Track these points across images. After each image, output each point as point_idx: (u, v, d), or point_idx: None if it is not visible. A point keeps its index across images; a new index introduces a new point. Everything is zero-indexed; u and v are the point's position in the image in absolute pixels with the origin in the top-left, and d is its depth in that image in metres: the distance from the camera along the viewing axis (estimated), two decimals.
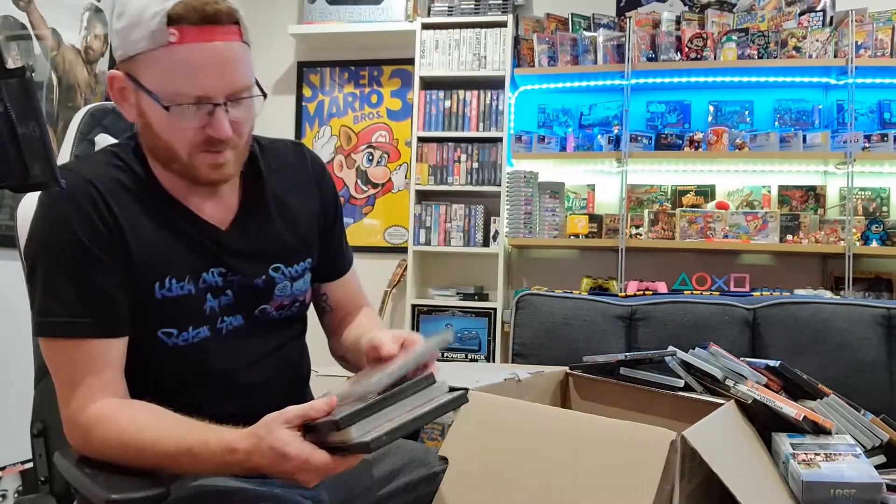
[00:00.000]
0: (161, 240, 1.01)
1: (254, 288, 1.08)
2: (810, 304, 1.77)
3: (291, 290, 1.13)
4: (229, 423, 0.90)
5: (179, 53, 0.93)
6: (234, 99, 0.98)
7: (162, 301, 1.00)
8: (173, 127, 0.97)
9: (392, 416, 0.83)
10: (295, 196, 1.15)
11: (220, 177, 1.02)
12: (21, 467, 2.54)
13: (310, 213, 1.17)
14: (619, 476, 0.95)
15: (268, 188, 1.12)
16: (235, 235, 1.07)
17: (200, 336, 1.03)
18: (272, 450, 0.81)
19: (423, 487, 1.09)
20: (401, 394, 0.85)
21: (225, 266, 1.05)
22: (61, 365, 0.97)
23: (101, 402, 0.94)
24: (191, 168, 1.00)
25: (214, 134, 0.97)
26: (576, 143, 3.29)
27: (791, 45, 3.09)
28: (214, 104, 0.96)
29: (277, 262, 1.11)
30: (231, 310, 1.06)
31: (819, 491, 1.00)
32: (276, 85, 3.83)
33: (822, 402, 1.28)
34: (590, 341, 1.77)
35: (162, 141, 0.99)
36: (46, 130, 0.72)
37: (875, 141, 3.01)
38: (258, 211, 1.10)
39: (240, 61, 0.98)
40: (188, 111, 0.96)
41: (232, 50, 0.96)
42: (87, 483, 0.90)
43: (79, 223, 0.95)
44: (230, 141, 0.99)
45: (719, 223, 3.10)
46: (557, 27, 3.45)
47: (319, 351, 1.28)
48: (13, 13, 2.64)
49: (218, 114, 0.96)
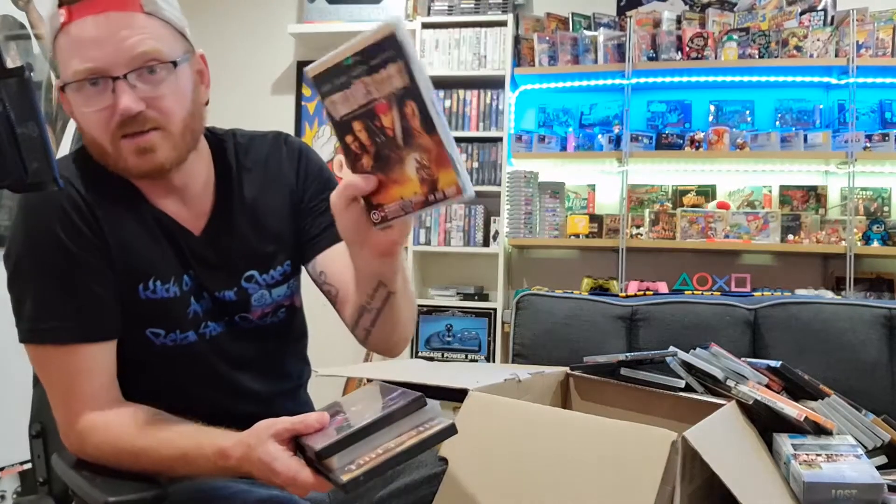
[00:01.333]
0: (141, 240, 0.99)
1: (227, 301, 1.05)
2: (811, 305, 1.77)
3: (272, 297, 1.09)
4: (225, 423, 0.89)
5: (71, 31, 0.89)
6: (136, 69, 0.90)
7: (147, 302, 0.99)
8: (85, 114, 0.92)
9: (377, 443, 0.78)
10: (270, 194, 1.10)
11: (151, 165, 0.94)
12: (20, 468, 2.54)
13: (283, 203, 1.10)
14: (620, 477, 0.94)
15: (243, 190, 1.07)
16: (206, 243, 1.04)
17: (188, 340, 1.02)
18: (261, 462, 0.81)
19: (423, 488, 1.09)
20: (389, 419, 0.79)
21: (198, 274, 1.03)
22: (50, 372, 0.96)
23: (94, 410, 0.93)
24: (118, 159, 0.94)
25: (120, 110, 0.89)
26: (576, 142, 3.28)
27: (792, 45, 3.09)
28: (113, 78, 0.89)
29: (251, 270, 1.06)
30: (211, 315, 1.04)
31: (820, 491, 1.00)
32: (276, 84, 3.83)
33: (823, 402, 1.28)
34: (590, 342, 1.77)
35: (88, 137, 0.95)
36: (45, 130, 0.72)
37: (876, 141, 3.01)
38: (231, 216, 1.06)
39: (139, 29, 0.90)
40: (88, 90, 0.90)
41: (128, 19, 0.90)
42: (85, 486, 0.90)
43: (61, 225, 0.93)
44: (147, 119, 0.92)
45: (720, 223, 3.09)
46: (558, 26, 3.45)
47: (319, 350, 1.27)
48: (12, 13, 2.64)
49: (119, 88, 0.89)
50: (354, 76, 0.75)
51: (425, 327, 3.40)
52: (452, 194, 0.74)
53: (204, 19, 3.80)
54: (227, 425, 0.90)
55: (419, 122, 0.73)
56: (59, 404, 0.96)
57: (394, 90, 0.73)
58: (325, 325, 1.43)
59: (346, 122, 0.77)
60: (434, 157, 0.73)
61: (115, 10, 0.89)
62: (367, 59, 0.73)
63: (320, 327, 1.28)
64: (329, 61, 0.76)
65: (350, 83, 0.75)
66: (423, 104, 0.72)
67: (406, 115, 0.73)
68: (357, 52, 0.73)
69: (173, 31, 0.96)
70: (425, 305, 3.40)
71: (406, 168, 0.75)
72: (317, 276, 1.12)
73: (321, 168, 1.15)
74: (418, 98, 0.72)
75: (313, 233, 1.11)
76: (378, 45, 0.72)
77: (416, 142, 0.74)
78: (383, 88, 0.73)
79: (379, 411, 0.81)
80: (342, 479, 0.74)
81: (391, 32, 0.70)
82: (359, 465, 0.76)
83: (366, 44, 0.72)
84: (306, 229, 1.12)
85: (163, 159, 0.95)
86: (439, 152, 0.72)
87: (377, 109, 0.75)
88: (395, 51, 0.71)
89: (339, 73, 0.76)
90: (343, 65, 0.75)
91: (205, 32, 3.78)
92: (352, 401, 0.90)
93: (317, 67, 0.77)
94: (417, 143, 0.74)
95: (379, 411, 0.81)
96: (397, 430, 0.79)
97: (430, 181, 0.74)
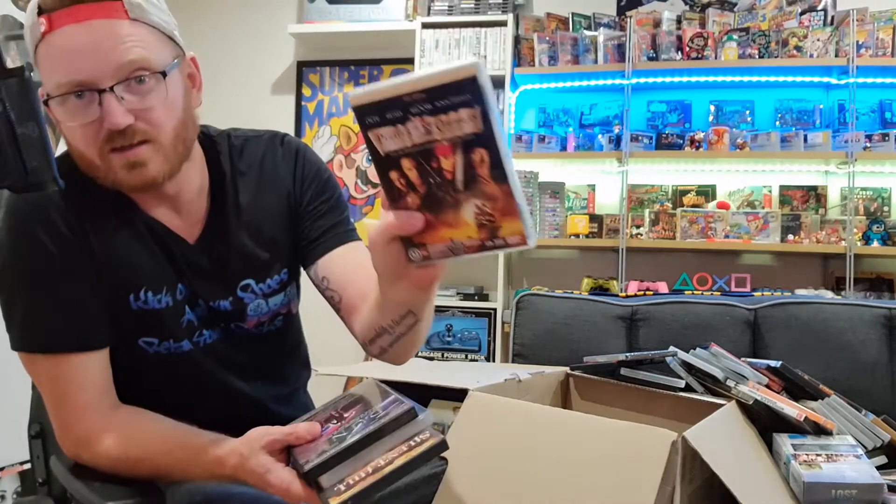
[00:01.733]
0: (132, 250, 0.96)
1: (221, 310, 1.03)
2: (811, 305, 1.77)
3: (268, 306, 1.07)
4: (221, 427, 0.89)
5: (53, 41, 0.85)
6: (123, 80, 0.86)
7: (138, 312, 0.96)
8: (72, 129, 0.88)
9: (367, 459, 0.77)
10: (266, 198, 1.06)
11: (142, 179, 0.90)
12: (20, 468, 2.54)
13: (279, 208, 1.07)
14: (620, 477, 0.94)
15: (238, 196, 1.04)
16: (201, 252, 1.01)
17: (183, 349, 1.01)
18: (254, 473, 0.81)
19: (423, 488, 1.09)
20: (378, 433, 0.78)
21: (192, 284, 1.01)
22: (44, 380, 0.95)
23: (88, 419, 0.92)
24: (108, 173, 0.90)
25: (107, 125, 0.86)
26: (576, 142, 3.28)
27: (792, 45, 3.09)
28: (100, 91, 0.85)
29: (247, 279, 1.04)
30: (206, 323, 1.03)
31: (820, 492, 1.00)
32: (276, 84, 3.83)
33: (823, 402, 1.28)
34: (590, 341, 1.77)
35: (76, 151, 0.91)
36: (45, 130, 0.72)
37: (876, 141, 3.01)
38: (226, 223, 1.03)
39: (125, 38, 0.86)
40: (74, 103, 0.86)
41: (113, 27, 0.85)
42: (83, 489, 0.90)
43: (46, 233, 0.91)
44: (136, 132, 0.88)
45: (720, 223, 3.09)
46: (558, 27, 3.44)
47: (318, 348, 1.27)
48: (13, 13, 2.64)
49: (107, 101, 0.85)
50: (414, 113, 0.68)
51: None
52: (516, 242, 0.70)
53: (204, 19, 3.79)
54: (223, 430, 0.89)
55: (488, 169, 0.68)
56: (53, 413, 0.94)
57: (462, 134, 0.67)
58: (324, 324, 1.43)
59: (394, 158, 0.71)
60: (500, 206, 0.69)
61: (98, 17, 0.85)
62: (435, 97, 0.66)
63: (320, 326, 1.27)
64: (382, 92, 0.68)
65: (407, 119, 0.68)
66: (496, 153, 0.67)
67: (472, 161, 0.68)
68: (424, 90, 0.66)
69: (161, 35, 0.91)
70: None
71: (462, 212, 0.71)
72: (319, 281, 1.09)
73: (319, 169, 1.12)
74: (492, 147, 0.67)
75: (313, 236, 1.09)
76: (452, 86, 0.65)
77: (480, 188, 0.69)
78: (449, 131, 0.67)
79: (370, 423, 0.80)
80: (330, 501, 0.75)
81: (472, 76, 0.64)
82: (348, 486, 0.76)
83: (437, 82, 0.65)
84: (305, 233, 1.09)
85: (154, 173, 0.91)
86: (508, 202, 0.68)
87: (437, 151, 0.69)
88: (471, 95, 0.65)
89: (394, 106, 0.68)
90: (401, 99, 0.68)
91: (205, 32, 3.78)
92: (346, 402, 0.90)
93: (363, 97, 0.69)
94: (482, 189, 0.69)
95: (370, 423, 0.80)
96: (388, 445, 0.78)
97: (490, 227, 0.70)
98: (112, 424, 0.93)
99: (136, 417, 0.95)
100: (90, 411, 0.93)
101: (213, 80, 4.06)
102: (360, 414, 0.83)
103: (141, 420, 0.94)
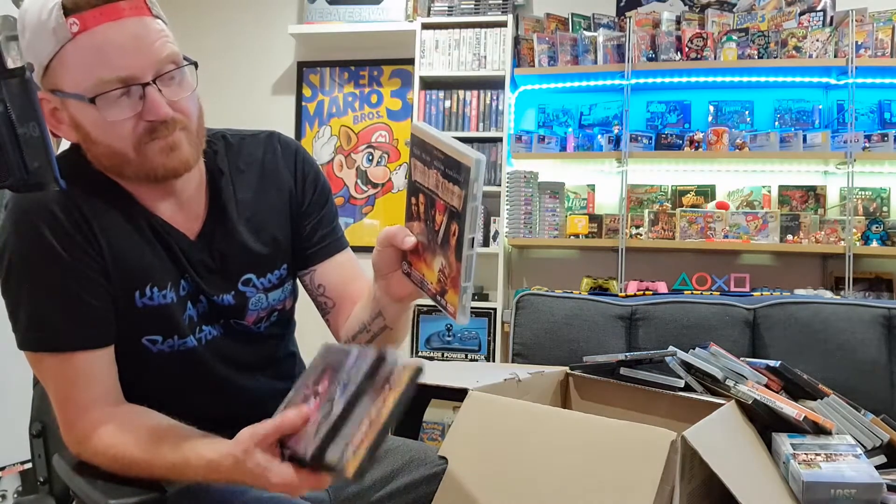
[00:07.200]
0: (136, 246, 0.97)
1: (223, 305, 1.04)
2: (810, 305, 1.77)
3: (268, 301, 1.08)
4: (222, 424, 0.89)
5: (88, 41, 0.86)
6: (162, 75, 0.90)
7: (143, 310, 0.97)
8: (109, 124, 0.90)
9: (360, 418, 0.77)
10: (267, 194, 1.08)
11: (178, 162, 0.94)
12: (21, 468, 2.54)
13: (281, 206, 1.09)
14: (620, 476, 0.95)
15: (238, 192, 1.06)
16: (202, 247, 1.02)
17: (188, 345, 1.01)
18: (253, 474, 0.80)
19: (423, 487, 1.09)
20: (360, 392, 0.78)
21: (194, 279, 1.01)
22: (49, 378, 0.95)
23: (92, 417, 0.93)
24: (144, 164, 0.93)
25: (153, 117, 0.89)
26: (576, 143, 3.29)
27: (791, 45, 3.09)
28: (143, 84, 0.89)
29: (248, 274, 1.05)
30: (206, 319, 1.04)
31: (819, 491, 1.00)
32: (276, 85, 3.83)
33: (822, 402, 1.28)
34: (590, 341, 1.77)
35: (104, 147, 0.92)
36: (46, 130, 0.72)
37: (875, 141, 3.01)
38: (225, 219, 1.04)
39: (156, 34, 0.90)
40: (117, 99, 0.88)
41: (145, 24, 0.89)
42: (85, 487, 0.90)
43: (52, 231, 0.91)
44: (176, 121, 0.92)
45: (719, 223, 3.10)
46: (557, 27, 3.45)
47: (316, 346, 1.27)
48: (13, 13, 2.64)
49: (150, 94, 0.89)
50: (433, 166, 0.81)
51: (425, 327, 3.40)
52: (450, 312, 0.80)
53: (204, 20, 3.79)
54: (224, 427, 0.89)
55: (454, 243, 0.78)
56: (58, 409, 0.95)
57: (451, 203, 0.78)
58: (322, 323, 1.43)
59: (416, 188, 0.86)
60: (452, 277, 0.79)
61: (130, 15, 0.88)
62: (447, 164, 0.78)
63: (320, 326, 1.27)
64: (426, 135, 0.82)
65: (430, 166, 0.82)
66: (461, 236, 0.77)
67: (451, 229, 0.79)
68: (444, 153, 0.79)
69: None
70: (425, 305, 3.40)
71: (434, 261, 0.83)
72: (314, 287, 1.13)
73: (317, 171, 1.15)
74: (461, 228, 0.77)
75: (310, 241, 1.12)
76: (457, 163, 0.76)
77: (447, 253, 0.80)
78: (445, 195, 0.79)
79: (347, 387, 0.79)
80: (348, 471, 0.74)
81: (468, 166, 0.74)
82: (355, 449, 0.75)
83: (452, 154, 0.77)
84: (303, 236, 1.12)
85: (187, 156, 0.95)
86: (455, 278, 0.79)
87: (436, 204, 0.82)
88: (463, 179, 0.76)
89: (428, 151, 0.82)
90: (433, 148, 0.81)
91: (205, 33, 3.78)
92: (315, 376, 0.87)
93: (417, 130, 0.84)
94: (447, 254, 0.80)
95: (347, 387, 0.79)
96: (371, 396, 0.78)
97: (441, 287, 0.82)
98: (114, 422, 0.93)
99: (137, 417, 0.95)
100: (94, 407, 0.93)
101: (214, 80, 4.07)
102: (333, 382, 0.82)
103: (142, 420, 0.94)
